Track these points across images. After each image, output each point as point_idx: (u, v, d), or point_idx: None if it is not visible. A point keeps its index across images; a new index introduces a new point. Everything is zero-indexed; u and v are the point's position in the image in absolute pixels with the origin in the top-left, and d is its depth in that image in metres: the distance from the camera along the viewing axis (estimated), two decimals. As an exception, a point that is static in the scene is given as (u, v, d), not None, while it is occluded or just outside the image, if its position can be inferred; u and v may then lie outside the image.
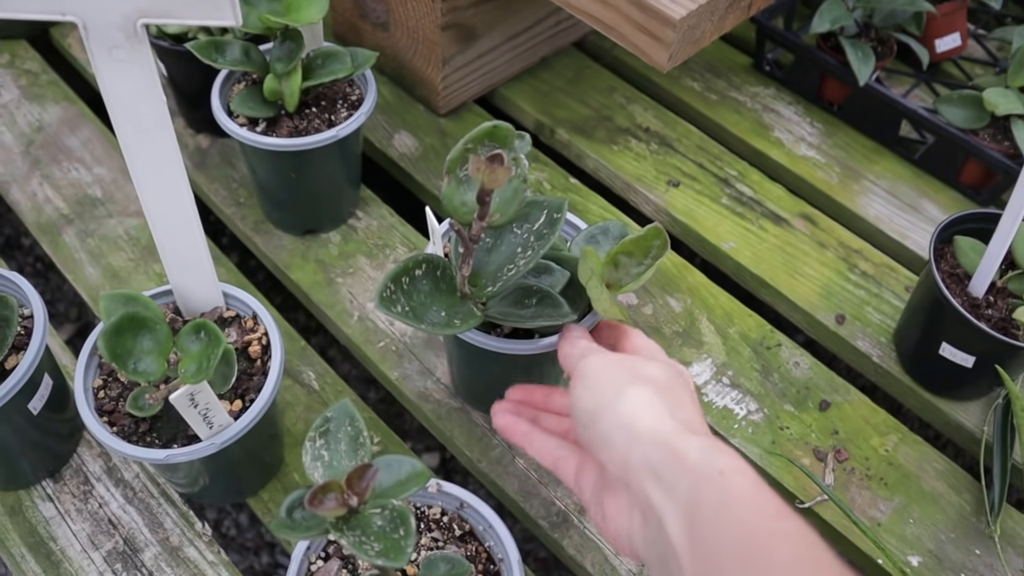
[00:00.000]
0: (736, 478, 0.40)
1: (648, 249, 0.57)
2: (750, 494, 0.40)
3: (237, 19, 0.48)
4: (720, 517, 0.39)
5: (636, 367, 0.49)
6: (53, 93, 1.04)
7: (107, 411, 0.62)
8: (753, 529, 0.39)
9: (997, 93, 0.92)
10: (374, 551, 0.46)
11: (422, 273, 0.57)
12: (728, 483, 0.40)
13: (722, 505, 0.39)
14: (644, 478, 0.43)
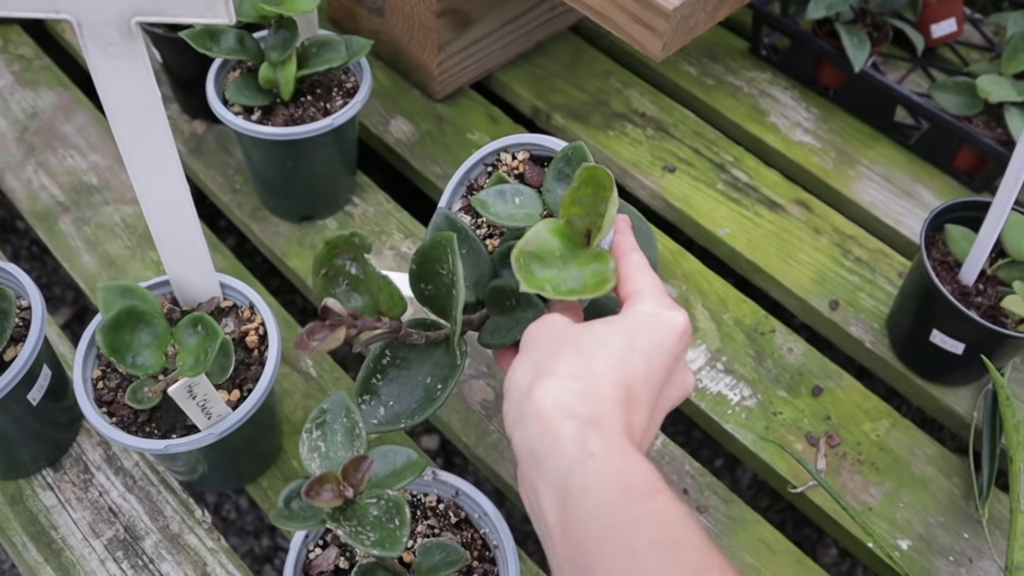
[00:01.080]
0: (606, 459, 0.40)
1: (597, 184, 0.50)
2: (619, 475, 0.40)
3: (230, 17, 0.48)
4: (587, 498, 0.39)
5: (565, 333, 0.46)
6: (47, 79, 1.04)
7: (106, 402, 0.63)
8: (617, 510, 0.39)
9: (991, 80, 0.92)
10: (370, 541, 0.47)
11: (389, 361, 0.57)
12: (597, 465, 0.40)
13: (589, 487, 0.39)
14: (524, 457, 0.43)
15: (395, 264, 0.88)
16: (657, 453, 0.77)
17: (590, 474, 0.40)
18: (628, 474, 0.40)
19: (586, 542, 0.38)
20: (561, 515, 0.40)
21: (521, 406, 0.44)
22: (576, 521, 0.39)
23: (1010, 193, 0.71)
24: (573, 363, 0.44)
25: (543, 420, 0.42)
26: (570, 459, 0.40)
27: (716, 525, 0.74)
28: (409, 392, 0.55)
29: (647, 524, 0.38)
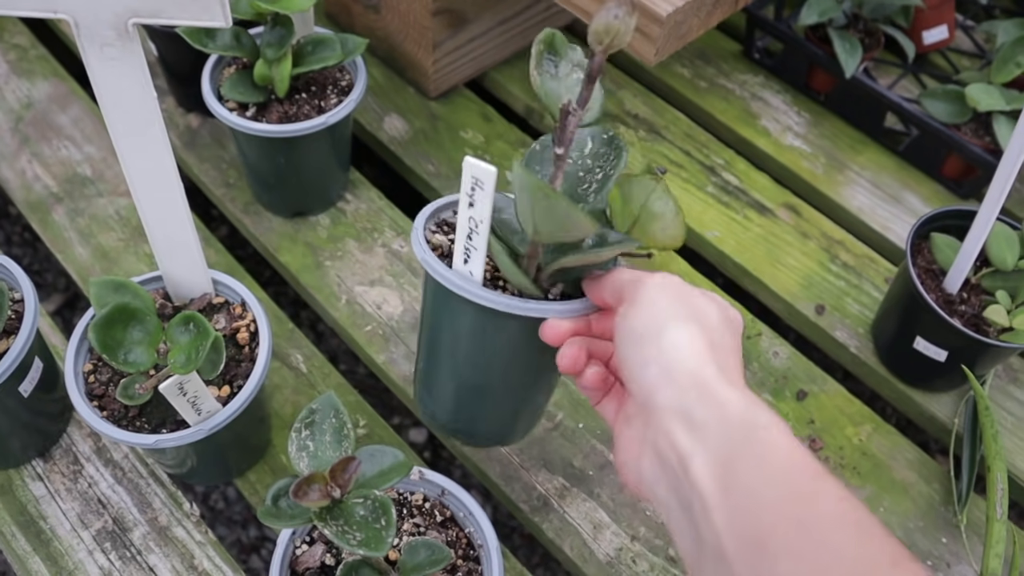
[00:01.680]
0: (776, 434, 0.39)
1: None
2: (790, 451, 0.39)
3: (227, 20, 0.48)
4: (761, 468, 0.38)
5: (694, 301, 0.46)
6: (42, 69, 1.04)
7: (97, 395, 0.64)
8: (796, 483, 0.38)
9: (980, 89, 0.93)
10: (356, 540, 0.47)
11: None
12: (769, 437, 0.39)
13: (763, 457, 0.38)
14: (671, 418, 0.41)
15: (386, 262, 0.88)
16: (642, 454, 0.78)
17: (762, 445, 0.39)
18: (799, 452, 0.39)
19: (758, 513, 0.37)
20: (724, 483, 0.38)
21: (675, 367, 0.42)
22: (745, 491, 0.38)
23: (995, 204, 0.72)
24: (713, 333, 0.44)
25: (706, 384, 0.41)
26: (740, 427, 0.39)
27: (699, 526, 0.75)
28: None
29: (827, 501, 0.37)
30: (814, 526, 0.36)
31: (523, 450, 0.77)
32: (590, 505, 0.75)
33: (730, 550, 0.37)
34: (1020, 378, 0.85)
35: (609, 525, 0.74)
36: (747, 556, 0.37)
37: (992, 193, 0.71)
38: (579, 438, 0.78)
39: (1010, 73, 0.94)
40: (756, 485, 0.38)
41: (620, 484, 0.76)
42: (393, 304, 0.85)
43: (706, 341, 0.43)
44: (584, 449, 0.78)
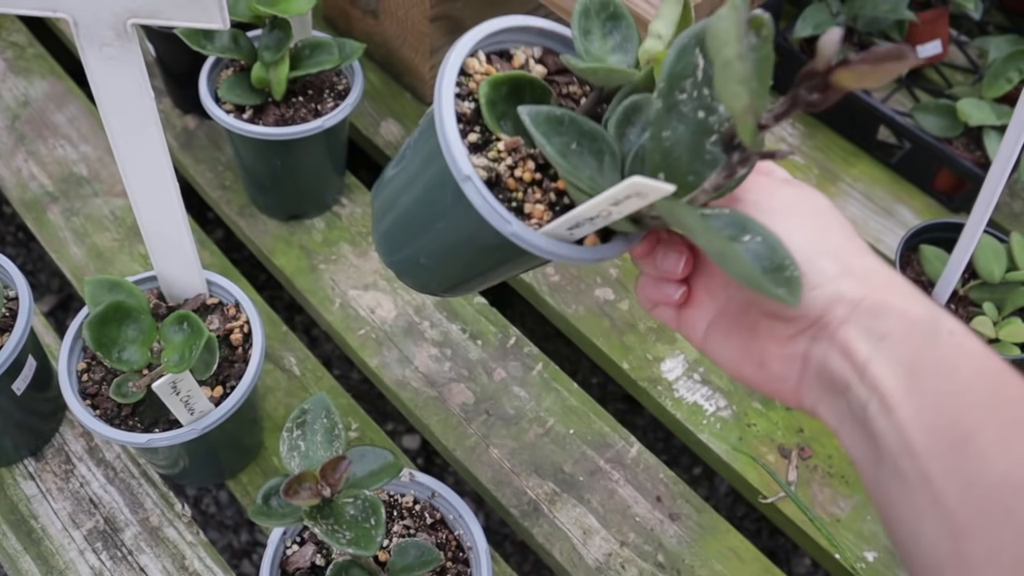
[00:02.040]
0: (964, 340, 0.38)
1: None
2: (982, 357, 0.37)
3: (225, 23, 0.49)
4: (952, 373, 0.37)
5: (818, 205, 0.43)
6: (40, 67, 1.05)
7: (90, 394, 0.64)
8: (995, 387, 0.37)
9: (971, 104, 0.94)
10: (345, 539, 0.48)
11: None
12: (956, 342, 0.37)
13: (952, 363, 0.37)
14: (847, 330, 0.39)
15: (380, 267, 0.89)
16: (632, 461, 0.78)
17: (952, 350, 0.37)
18: (992, 358, 0.38)
19: (954, 413, 0.36)
20: (909, 385, 0.37)
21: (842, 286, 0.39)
22: (935, 393, 0.37)
23: (982, 216, 0.72)
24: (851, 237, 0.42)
25: (883, 294, 0.39)
26: (926, 331, 0.38)
27: (688, 533, 0.75)
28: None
29: None
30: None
31: (514, 455, 0.78)
32: (580, 511, 0.75)
33: (920, 445, 0.36)
34: (1008, 390, 0.85)
35: (599, 531, 0.74)
36: (945, 452, 0.35)
37: (979, 206, 0.72)
38: (569, 444, 0.79)
39: (1001, 88, 0.95)
40: (950, 387, 0.37)
41: (610, 490, 0.76)
42: (387, 308, 0.86)
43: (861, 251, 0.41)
44: (575, 455, 0.78)
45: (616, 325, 0.86)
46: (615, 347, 0.84)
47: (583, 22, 0.46)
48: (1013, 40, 1.00)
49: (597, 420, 0.80)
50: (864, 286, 0.39)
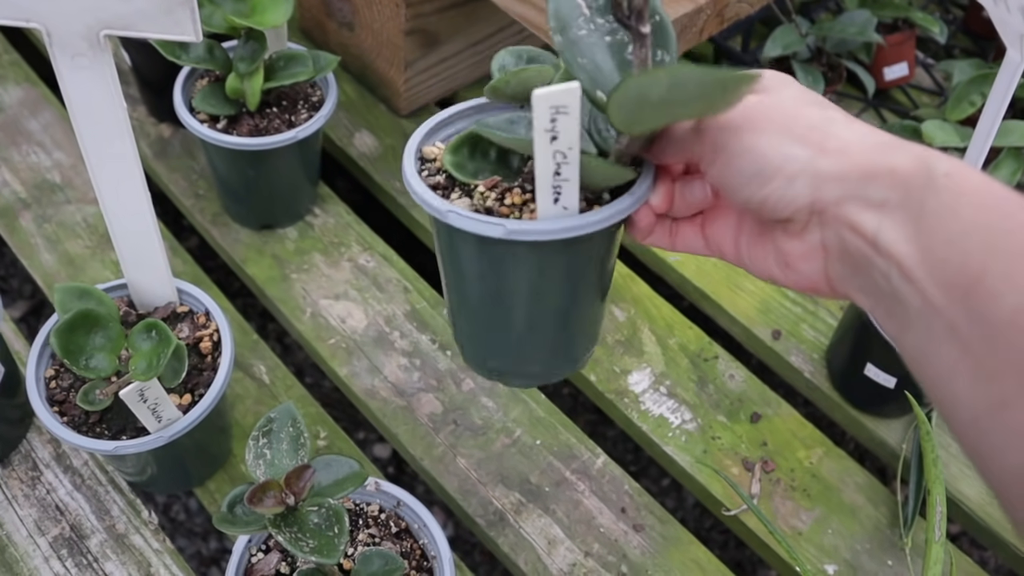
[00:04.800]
0: (959, 179, 0.36)
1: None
2: (981, 191, 0.36)
3: (198, 35, 0.50)
4: (955, 217, 0.36)
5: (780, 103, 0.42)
6: (14, 74, 1.05)
7: (58, 401, 0.64)
8: (996, 221, 0.35)
9: (935, 126, 0.96)
10: (309, 547, 0.48)
11: None
12: (953, 184, 0.36)
13: (953, 206, 0.36)
14: (846, 208, 0.39)
15: (352, 276, 0.89)
16: (598, 472, 0.79)
17: (947, 195, 0.36)
18: (991, 189, 0.36)
19: (968, 254, 0.35)
20: (919, 243, 0.36)
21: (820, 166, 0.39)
22: (946, 237, 0.36)
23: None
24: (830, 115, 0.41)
25: (864, 162, 0.38)
26: (920, 183, 0.37)
27: (651, 544, 0.76)
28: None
29: None
30: None
31: (481, 465, 0.78)
32: (545, 521, 0.76)
33: (940, 300, 0.35)
34: (968, 406, 0.87)
35: (563, 541, 0.75)
36: (962, 301, 0.35)
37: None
38: (536, 454, 0.79)
39: (964, 111, 0.97)
40: (954, 234, 0.36)
41: (575, 500, 0.77)
42: (357, 318, 0.86)
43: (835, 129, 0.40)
44: (541, 465, 0.79)
45: (585, 338, 0.87)
46: (583, 359, 0.85)
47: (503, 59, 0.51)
48: (976, 64, 1.02)
49: (564, 431, 0.81)
50: (844, 159, 0.39)
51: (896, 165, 0.37)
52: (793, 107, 0.41)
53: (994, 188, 0.36)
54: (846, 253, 0.40)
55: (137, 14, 0.49)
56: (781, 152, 0.40)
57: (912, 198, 0.37)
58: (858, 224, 0.38)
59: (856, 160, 0.39)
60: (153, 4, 0.49)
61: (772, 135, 0.41)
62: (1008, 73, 0.62)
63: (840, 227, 0.39)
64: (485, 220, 0.44)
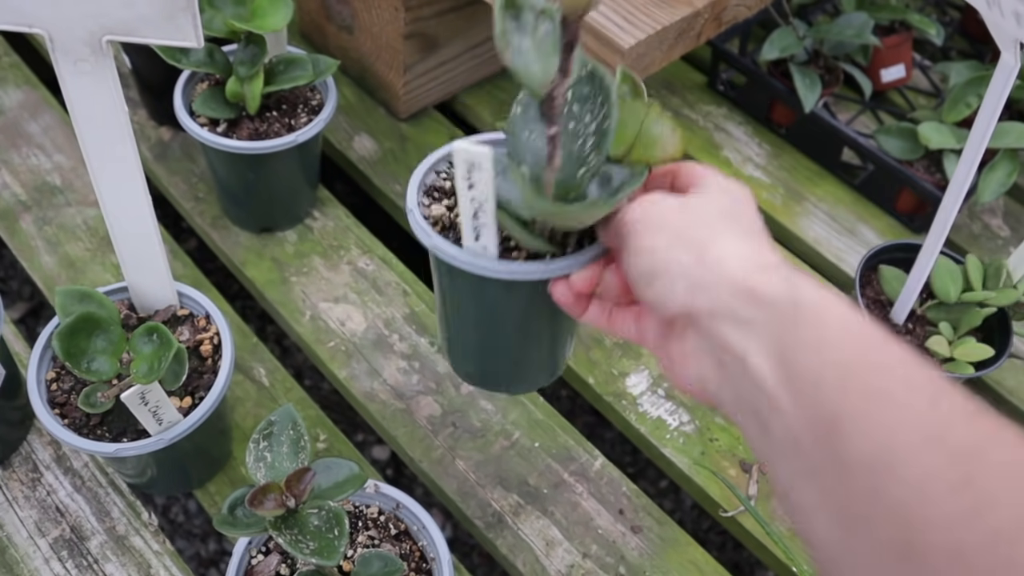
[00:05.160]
0: (824, 310, 0.37)
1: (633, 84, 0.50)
2: (842, 325, 0.37)
3: (199, 41, 0.50)
4: (818, 351, 0.36)
5: (687, 206, 0.44)
6: (15, 76, 1.05)
7: (59, 403, 0.64)
8: (855, 356, 0.36)
9: (931, 128, 0.96)
10: (309, 549, 0.49)
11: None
12: (817, 316, 0.37)
13: (816, 339, 0.37)
14: (718, 323, 0.40)
15: (351, 280, 0.90)
16: (596, 474, 0.80)
17: (813, 323, 0.37)
18: (852, 323, 0.37)
19: (825, 393, 0.35)
20: (785, 373, 0.37)
21: (697, 274, 0.41)
22: (807, 374, 0.36)
23: (938, 238, 0.75)
24: (722, 226, 0.42)
25: (735, 279, 0.39)
26: (784, 310, 0.38)
27: (649, 545, 0.76)
28: None
29: (894, 367, 0.35)
30: (882, 399, 0.34)
31: (479, 467, 0.79)
32: (543, 522, 0.76)
33: (804, 439, 0.36)
34: (964, 407, 0.88)
35: (562, 542, 0.75)
36: (824, 441, 0.35)
37: (936, 228, 0.74)
38: (535, 457, 0.80)
39: (960, 113, 0.97)
40: (816, 369, 0.36)
41: (573, 502, 0.78)
42: (356, 321, 0.87)
43: (721, 232, 0.42)
44: (539, 467, 0.79)
45: (583, 340, 0.87)
46: (581, 362, 0.86)
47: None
48: (973, 66, 1.03)
49: (562, 433, 0.82)
50: (719, 271, 0.40)
51: (765, 288, 0.39)
52: (696, 212, 0.44)
53: (855, 323, 0.37)
54: (721, 365, 0.41)
55: (139, 20, 0.50)
56: (668, 255, 0.42)
57: (777, 325, 0.38)
58: (727, 341, 0.39)
59: (730, 275, 0.40)
60: (155, 10, 0.49)
61: (665, 237, 0.43)
62: (1003, 76, 0.62)
63: (713, 338, 0.40)
64: (423, 227, 0.51)
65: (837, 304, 0.38)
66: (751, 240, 0.42)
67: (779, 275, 0.39)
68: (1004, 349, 0.78)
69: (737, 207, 0.44)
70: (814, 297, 0.38)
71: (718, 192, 0.45)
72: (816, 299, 0.38)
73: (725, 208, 0.44)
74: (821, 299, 0.38)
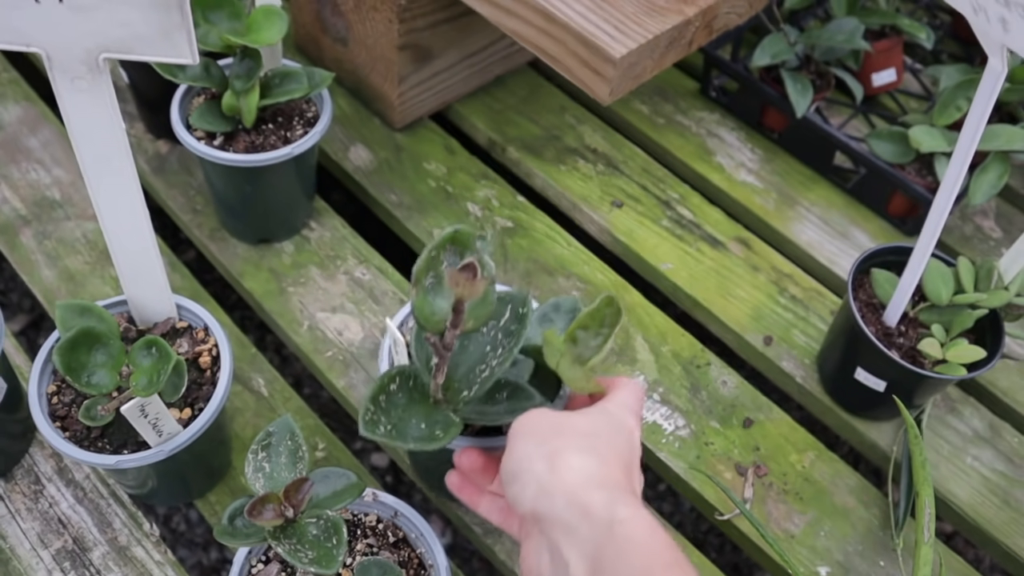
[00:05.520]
0: (634, 526, 0.45)
1: (602, 319, 0.59)
2: (647, 542, 0.44)
3: (194, 57, 0.51)
4: (620, 562, 0.44)
5: (560, 422, 0.52)
6: (13, 92, 1.06)
7: (60, 416, 0.65)
8: (653, 565, 0.43)
9: (922, 131, 0.97)
10: (308, 558, 0.49)
11: (396, 387, 0.58)
12: (627, 531, 0.44)
13: (621, 552, 0.44)
14: (552, 528, 0.47)
15: (348, 289, 0.90)
16: (593, 478, 0.80)
17: (621, 540, 0.44)
18: (655, 539, 0.45)
19: None
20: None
21: (545, 482, 0.48)
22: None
23: (929, 241, 0.75)
24: (581, 443, 0.50)
25: (572, 492, 0.47)
26: (602, 526, 0.45)
27: (646, 549, 0.77)
28: (411, 419, 0.57)
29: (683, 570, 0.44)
30: None
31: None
32: (542, 528, 0.77)
33: None
34: (957, 408, 0.89)
35: (560, 547, 0.76)
36: None
37: (927, 231, 0.75)
38: (533, 462, 0.80)
39: (951, 116, 0.98)
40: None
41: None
42: (354, 330, 0.87)
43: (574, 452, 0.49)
44: (537, 473, 0.80)
45: (579, 346, 0.88)
46: (578, 368, 0.86)
47: None
48: (963, 69, 1.04)
49: (559, 439, 0.82)
50: (560, 482, 0.47)
51: (591, 502, 0.46)
52: (566, 427, 0.51)
53: (655, 535, 0.45)
54: (554, 564, 0.47)
55: (135, 38, 0.51)
56: (529, 461, 0.49)
57: (595, 538, 0.45)
58: (558, 545, 0.46)
59: (570, 488, 0.47)
60: (151, 28, 0.50)
61: (531, 445, 0.50)
62: (990, 80, 0.63)
63: (549, 540, 0.47)
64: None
65: (643, 520, 0.46)
66: (600, 459, 0.49)
67: (606, 494, 0.47)
68: (996, 350, 0.79)
69: (608, 430, 0.52)
70: (624, 514, 0.45)
71: (600, 414, 0.53)
72: (626, 516, 0.45)
73: (596, 429, 0.52)
74: (630, 516, 0.45)
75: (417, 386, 0.59)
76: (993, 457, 0.86)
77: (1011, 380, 0.92)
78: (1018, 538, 0.81)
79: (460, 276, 0.49)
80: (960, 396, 0.90)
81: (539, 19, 0.78)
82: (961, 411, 0.89)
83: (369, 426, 0.54)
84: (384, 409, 0.56)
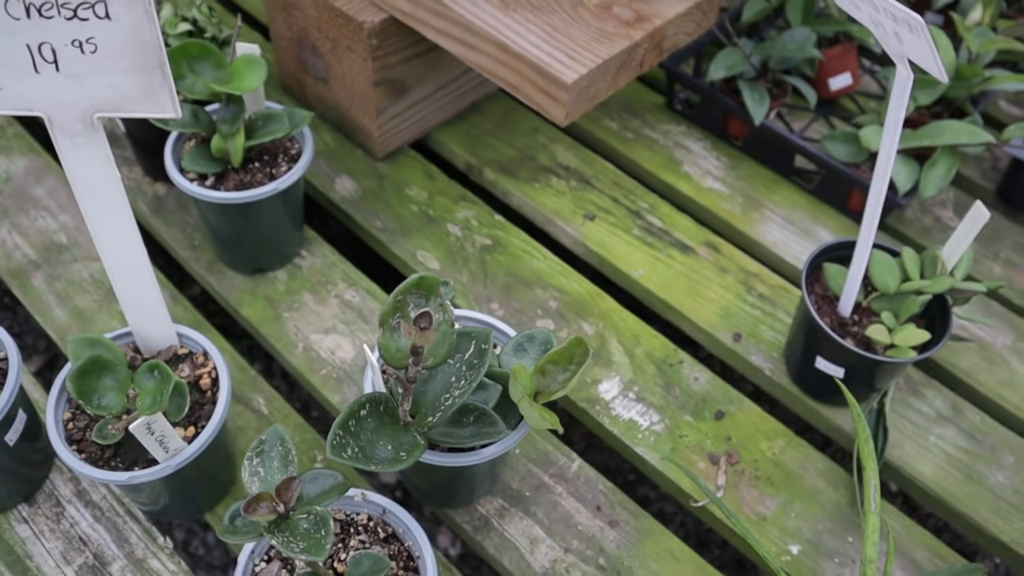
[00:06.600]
0: None
1: (571, 357, 0.65)
2: None
3: (177, 112, 0.57)
4: None
5: None
6: (19, 145, 1.13)
7: (76, 440, 0.71)
8: None
9: (872, 131, 1.03)
10: (299, 548, 0.55)
11: (367, 412, 0.63)
12: None
13: None
14: None
15: (339, 311, 0.97)
16: (574, 475, 0.86)
17: None
18: None
19: None
20: None
21: None
22: None
23: (868, 235, 0.81)
24: None
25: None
26: None
27: (626, 537, 0.83)
28: (378, 442, 0.63)
29: None
30: None
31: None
32: (527, 523, 0.82)
33: None
34: (920, 390, 0.94)
35: (544, 540, 0.82)
36: None
37: (865, 225, 0.81)
38: (516, 462, 0.86)
39: (899, 116, 1.04)
40: None
41: (554, 502, 0.84)
42: (346, 350, 0.93)
43: None
44: (521, 472, 0.86)
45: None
46: (557, 372, 0.92)
47: None
48: (910, 71, 1.10)
49: (540, 440, 0.88)
50: None
51: None
52: None
53: None
54: None
55: (124, 98, 0.57)
56: None
57: None
58: None
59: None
60: (137, 89, 0.57)
61: None
62: (900, 85, 0.69)
63: None
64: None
65: None
66: None
67: None
68: (944, 332, 0.84)
69: None
70: None
71: None
72: None
73: None
74: None
75: (388, 410, 0.65)
76: (956, 435, 0.91)
77: (972, 361, 0.97)
78: (982, 510, 0.86)
79: (413, 327, 0.54)
80: (923, 379, 0.95)
81: (497, 51, 0.85)
82: (924, 393, 0.94)
83: (336, 450, 0.60)
84: (353, 433, 0.62)
